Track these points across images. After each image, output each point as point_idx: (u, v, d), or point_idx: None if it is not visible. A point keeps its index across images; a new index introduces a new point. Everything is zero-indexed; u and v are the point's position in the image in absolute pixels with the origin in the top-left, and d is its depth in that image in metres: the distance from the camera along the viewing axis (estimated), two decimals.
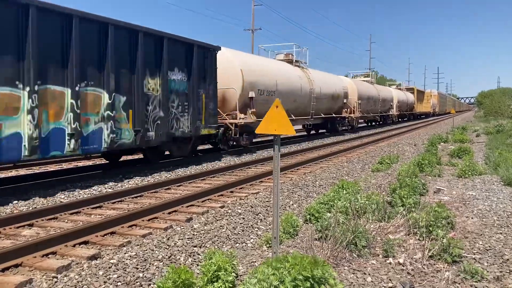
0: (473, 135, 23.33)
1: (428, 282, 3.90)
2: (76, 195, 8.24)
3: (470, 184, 8.61)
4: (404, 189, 6.64)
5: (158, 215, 6.59)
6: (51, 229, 6.05)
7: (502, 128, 24.29)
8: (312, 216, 6.04)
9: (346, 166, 12.30)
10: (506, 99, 61.16)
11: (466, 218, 6.06)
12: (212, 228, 5.94)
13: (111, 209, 7.19)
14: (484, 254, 4.60)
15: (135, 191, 8.30)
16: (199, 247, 5.22)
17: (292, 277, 3.01)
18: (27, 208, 7.24)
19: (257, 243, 5.42)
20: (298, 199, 8.03)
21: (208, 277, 3.71)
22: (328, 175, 10.72)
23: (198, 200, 7.58)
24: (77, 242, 5.26)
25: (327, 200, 6.45)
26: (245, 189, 8.87)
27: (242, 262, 4.53)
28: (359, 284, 3.86)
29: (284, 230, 5.43)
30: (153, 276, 4.27)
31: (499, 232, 5.32)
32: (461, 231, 5.42)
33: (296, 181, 9.64)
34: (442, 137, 19.51)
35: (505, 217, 5.99)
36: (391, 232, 5.26)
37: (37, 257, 4.72)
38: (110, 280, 4.17)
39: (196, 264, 4.67)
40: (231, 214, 6.70)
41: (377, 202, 6.04)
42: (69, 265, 4.50)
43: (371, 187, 8.68)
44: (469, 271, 3.98)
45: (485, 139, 20.04)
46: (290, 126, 3.88)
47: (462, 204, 6.86)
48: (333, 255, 4.37)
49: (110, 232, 5.74)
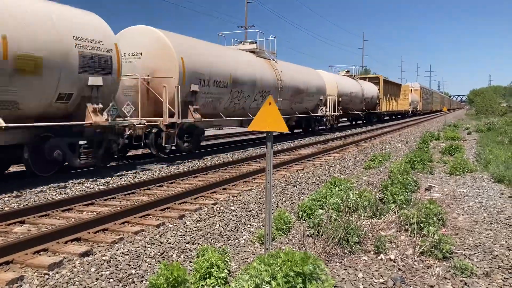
0: (465, 133, 23.51)
1: (419, 278, 3.94)
2: (68, 192, 8.19)
3: (461, 181, 8.68)
4: (395, 186, 6.68)
5: (150, 212, 6.58)
6: (43, 226, 6.02)
7: (493, 126, 24.49)
8: (304, 213, 6.06)
9: (339, 163, 12.34)
10: (497, 97, 61.70)
11: (457, 214, 6.12)
12: (204, 225, 5.94)
13: (103, 206, 7.17)
14: (474, 250, 4.65)
15: (127, 188, 8.28)
16: (192, 244, 5.22)
17: (284, 273, 3.03)
18: (18, 205, 7.20)
19: (249, 239, 5.43)
20: (291, 196, 8.05)
21: (201, 273, 3.72)
22: (321, 172, 10.76)
23: (190, 197, 7.57)
24: (69, 239, 5.24)
25: (319, 197, 6.47)
26: (238, 186, 8.87)
27: (235, 259, 4.55)
28: (350, 280, 3.89)
29: (277, 227, 5.45)
30: (145, 273, 4.27)
31: (489, 229, 5.38)
32: (451, 227, 5.47)
33: (289, 178, 9.66)
34: (433, 134, 19.63)
35: (495, 214, 6.06)
36: (383, 229, 5.30)
37: (28, 254, 4.69)
38: (102, 277, 4.17)
39: (188, 261, 4.67)
40: (224, 211, 6.71)
41: (369, 199, 6.07)
42: (61, 262, 4.48)
43: (363, 184, 8.73)
44: (459, 267, 4.02)
45: (476, 137, 20.20)
46: (282, 123, 3.90)
47: (453, 201, 6.92)
48: (325, 251, 4.39)
49: (102, 229, 5.72)
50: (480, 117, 45.36)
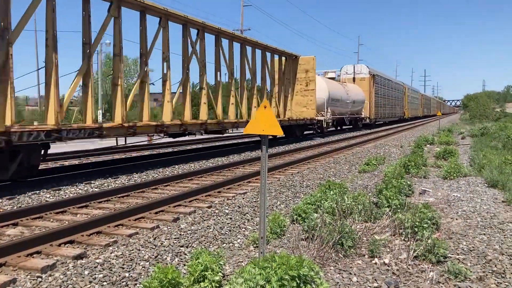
0: (459, 137, 23.63)
1: (413, 282, 3.95)
2: (62, 194, 8.15)
3: (455, 186, 8.72)
4: (390, 190, 6.69)
5: (144, 215, 6.55)
6: (36, 228, 5.98)
7: (487, 130, 24.63)
8: (299, 217, 6.06)
9: (333, 167, 12.36)
10: (491, 102, 62.13)
11: (450, 219, 6.14)
12: (199, 228, 5.93)
13: (98, 209, 7.13)
14: (468, 254, 4.66)
15: (122, 190, 8.25)
16: (186, 247, 5.20)
17: (278, 277, 3.02)
18: (12, 207, 7.15)
19: (244, 243, 5.42)
20: (286, 199, 8.05)
21: (195, 276, 3.70)
22: (315, 175, 10.77)
23: (185, 200, 7.55)
24: (62, 241, 5.21)
25: (314, 201, 6.47)
26: (233, 189, 8.86)
27: (229, 262, 4.54)
28: (344, 284, 3.89)
29: (271, 230, 5.44)
30: (139, 276, 4.25)
31: (483, 233, 5.40)
32: (445, 231, 5.49)
33: (284, 182, 9.66)
34: (428, 139, 19.71)
35: (489, 218, 6.09)
36: (377, 233, 5.31)
37: (21, 257, 4.66)
38: (95, 280, 4.14)
39: (182, 264, 4.65)
40: (219, 214, 6.70)
41: (364, 203, 6.08)
42: (54, 265, 4.45)
43: (357, 188, 8.75)
44: (453, 271, 4.03)
45: (470, 141, 20.31)
46: (278, 127, 3.91)
47: (447, 205, 6.95)
48: (319, 255, 4.40)
49: (96, 232, 5.69)
50: (474, 121, 45.59)
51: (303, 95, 23.79)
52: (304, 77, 23.81)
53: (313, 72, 23.81)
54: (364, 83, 35.90)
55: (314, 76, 24.01)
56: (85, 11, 10.58)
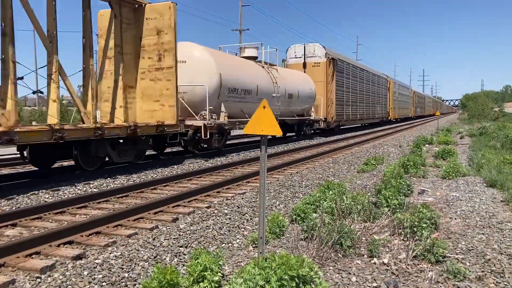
0: (457, 137, 23.65)
1: (412, 282, 3.95)
2: (60, 195, 8.14)
3: (454, 185, 8.73)
4: (389, 190, 6.70)
5: (143, 215, 6.55)
6: (35, 228, 5.98)
7: (486, 130, 24.66)
8: (298, 217, 6.07)
9: (332, 166, 12.37)
10: (489, 102, 62.20)
11: (449, 218, 6.15)
12: (198, 228, 5.93)
13: (96, 209, 7.13)
14: (467, 254, 4.67)
15: (120, 191, 8.24)
16: (185, 247, 5.20)
17: (278, 277, 3.03)
18: (10, 207, 7.14)
19: (243, 243, 5.42)
20: (285, 199, 8.05)
21: (194, 277, 3.70)
22: (314, 175, 10.77)
23: (184, 200, 7.55)
24: (61, 242, 5.20)
25: (313, 201, 6.48)
26: (232, 189, 8.86)
27: (228, 262, 4.54)
28: (344, 283, 3.89)
29: (271, 230, 5.45)
30: (138, 276, 4.25)
31: (481, 233, 5.41)
32: (444, 231, 5.50)
33: (283, 182, 9.66)
34: (427, 138, 19.74)
35: (487, 218, 6.09)
36: (376, 233, 5.31)
37: (20, 257, 4.66)
38: (95, 280, 4.14)
39: (182, 264, 4.65)
40: (218, 215, 6.70)
41: (363, 203, 6.09)
42: (53, 265, 4.45)
43: (356, 187, 8.75)
44: (452, 271, 4.04)
45: (469, 141, 20.33)
46: (277, 127, 3.90)
47: (446, 205, 6.96)
48: (318, 255, 4.40)
49: (95, 232, 5.69)
50: (472, 121, 45.64)
51: (154, 78, 12.53)
52: (155, 43, 12.48)
53: (170, 33, 12.30)
54: (318, 70, 24.63)
55: (172, 40, 12.33)
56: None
